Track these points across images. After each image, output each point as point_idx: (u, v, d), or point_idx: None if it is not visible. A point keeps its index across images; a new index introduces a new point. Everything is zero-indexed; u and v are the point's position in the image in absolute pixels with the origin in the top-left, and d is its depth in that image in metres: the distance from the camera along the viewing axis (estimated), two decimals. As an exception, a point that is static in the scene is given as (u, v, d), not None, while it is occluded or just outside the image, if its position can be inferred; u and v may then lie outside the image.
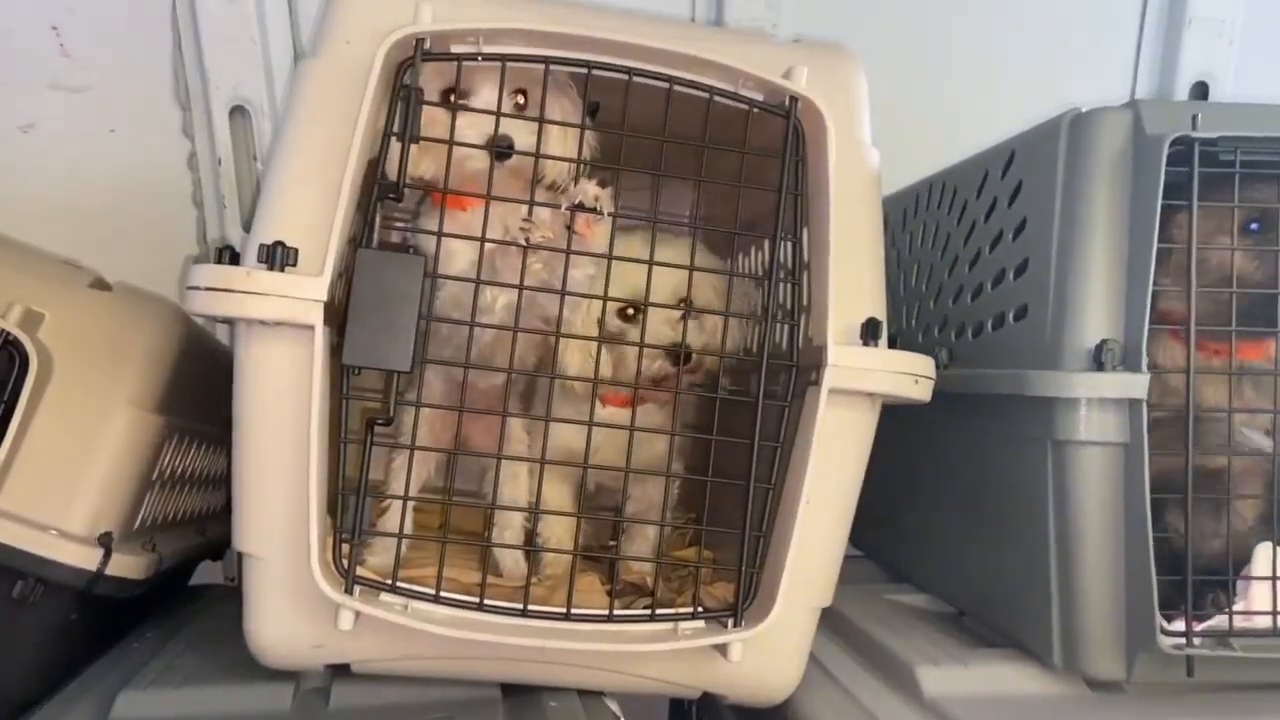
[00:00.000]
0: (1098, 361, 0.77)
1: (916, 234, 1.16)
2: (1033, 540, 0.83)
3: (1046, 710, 0.79)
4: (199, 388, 0.92)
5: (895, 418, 0.79)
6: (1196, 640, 0.76)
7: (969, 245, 1.00)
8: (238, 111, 1.33)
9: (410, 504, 0.93)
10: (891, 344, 0.78)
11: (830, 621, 1.00)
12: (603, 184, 0.79)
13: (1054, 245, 0.83)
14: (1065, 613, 0.80)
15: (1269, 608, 0.77)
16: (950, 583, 1.04)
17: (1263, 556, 0.78)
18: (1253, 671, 0.79)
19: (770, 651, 0.78)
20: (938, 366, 0.99)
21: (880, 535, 1.23)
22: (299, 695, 0.80)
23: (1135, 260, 0.79)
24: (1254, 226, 0.83)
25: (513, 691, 0.81)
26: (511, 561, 0.94)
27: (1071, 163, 0.83)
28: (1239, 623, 0.77)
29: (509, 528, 0.95)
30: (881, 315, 0.77)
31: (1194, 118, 0.78)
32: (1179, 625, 0.76)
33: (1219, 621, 0.77)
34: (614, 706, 0.81)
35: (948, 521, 1.02)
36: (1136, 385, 0.76)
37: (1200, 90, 1.47)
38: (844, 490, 0.79)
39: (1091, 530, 0.78)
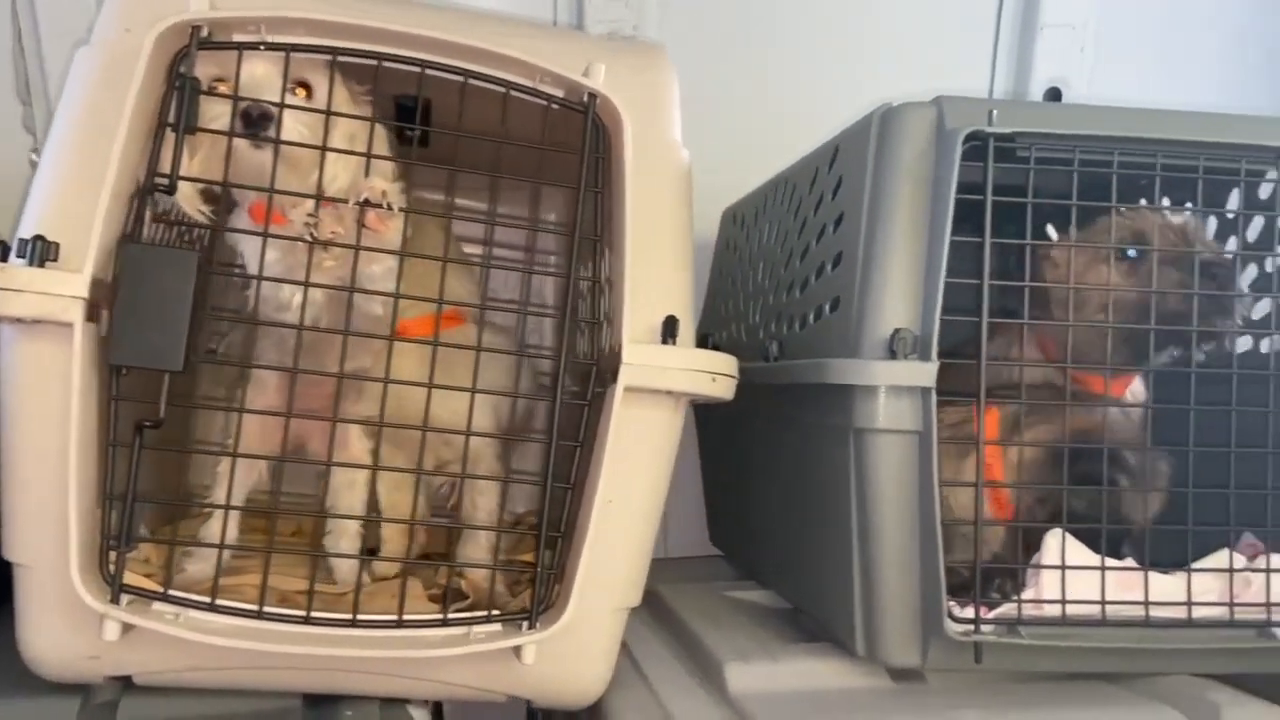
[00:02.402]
0: (891, 350, 0.78)
1: (764, 231, 1.16)
2: (839, 530, 0.83)
3: (844, 703, 0.80)
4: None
5: (736, 415, 0.79)
6: (985, 627, 0.77)
7: (801, 239, 1.01)
8: (78, 106, 1.28)
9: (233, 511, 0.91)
10: (702, 343, 0.78)
11: (661, 620, 1.00)
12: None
13: (861, 238, 0.84)
14: (866, 601, 0.81)
15: (1058, 596, 0.78)
16: (782, 578, 1.04)
17: (1053, 544, 0.79)
18: (1040, 659, 0.80)
19: (570, 653, 0.76)
20: (769, 359, 1.00)
21: (730, 533, 1.24)
22: (86, 709, 0.76)
23: (931, 253, 0.80)
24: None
25: (315, 702, 0.79)
26: (347, 567, 0.92)
27: (879, 157, 0.84)
28: (1029, 611, 0.78)
29: (344, 533, 0.94)
30: (684, 314, 0.77)
31: (990, 113, 0.80)
32: (970, 612, 0.77)
33: (1008, 609, 0.78)
34: (419, 715, 0.79)
35: (778, 516, 1.02)
36: (925, 374, 0.77)
37: (1054, 94, 1.50)
38: (647, 490, 0.78)
39: (888, 517, 0.79)
